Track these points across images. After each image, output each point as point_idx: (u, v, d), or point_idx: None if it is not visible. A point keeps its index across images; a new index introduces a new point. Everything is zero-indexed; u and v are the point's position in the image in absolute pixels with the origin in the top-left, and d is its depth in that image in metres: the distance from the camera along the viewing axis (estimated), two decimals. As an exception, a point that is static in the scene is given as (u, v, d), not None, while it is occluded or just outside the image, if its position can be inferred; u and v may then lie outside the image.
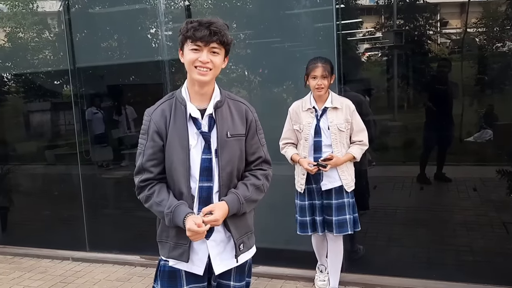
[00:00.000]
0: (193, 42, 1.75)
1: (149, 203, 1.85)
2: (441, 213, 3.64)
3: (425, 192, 3.66)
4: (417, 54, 3.59)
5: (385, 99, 3.82)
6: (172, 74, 4.03)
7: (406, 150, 3.69)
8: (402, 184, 3.88)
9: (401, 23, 3.62)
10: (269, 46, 3.79)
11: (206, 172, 1.83)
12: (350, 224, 3.15)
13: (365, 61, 3.87)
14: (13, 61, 4.82)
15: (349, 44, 3.76)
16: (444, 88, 3.56)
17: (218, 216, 1.77)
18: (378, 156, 3.77)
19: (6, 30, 4.68)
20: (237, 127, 1.88)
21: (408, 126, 3.65)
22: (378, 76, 3.83)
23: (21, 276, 4.10)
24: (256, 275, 3.79)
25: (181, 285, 1.90)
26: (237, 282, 1.98)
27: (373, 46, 3.77)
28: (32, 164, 5.09)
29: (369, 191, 3.74)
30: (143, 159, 1.84)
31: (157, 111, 1.85)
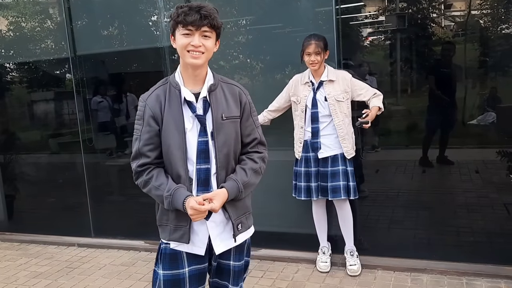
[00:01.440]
0: (184, 26, 1.77)
1: (147, 187, 1.87)
2: (443, 195, 3.66)
3: (427, 175, 3.68)
4: (421, 38, 3.57)
5: (388, 83, 3.81)
6: (173, 61, 4.04)
7: (409, 134, 3.69)
8: (405, 168, 3.89)
9: (403, 6, 3.59)
10: (268, 32, 3.79)
11: (203, 154, 1.86)
12: (344, 190, 3.32)
13: (367, 45, 3.85)
14: (15, 51, 4.84)
15: (350, 28, 3.75)
16: (448, 71, 3.55)
17: (217, 205, 1.81)
18: (381, 140, 3.81)
19: (8, 20, 4.69)
20: (231, 109, 1.91)
21: (411, 110, 3.65)
22: (381, 60, 3.81)
23: (28, 262, 4.18)
24: (259, 257, 3.85)
25: (183, 266, 1.93)
26: (237, 262, 2.02)
27: (376, 30, 3.74)
28: (36, 153, 5.13)
29: (363, 177, 3.80)
30: (139, 144, 1.86)
31: (152, 97, 1.88)
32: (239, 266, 2.03)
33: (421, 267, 3.41)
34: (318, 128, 3.32)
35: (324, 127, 3.33)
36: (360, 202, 3.76)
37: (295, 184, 3.49)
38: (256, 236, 3.88)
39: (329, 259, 3.58)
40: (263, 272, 3.62)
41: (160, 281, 1.94)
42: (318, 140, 3.33)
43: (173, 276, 1.93)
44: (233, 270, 2.02)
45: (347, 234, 3.50)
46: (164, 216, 1.92)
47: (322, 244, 3.61)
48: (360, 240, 3.70)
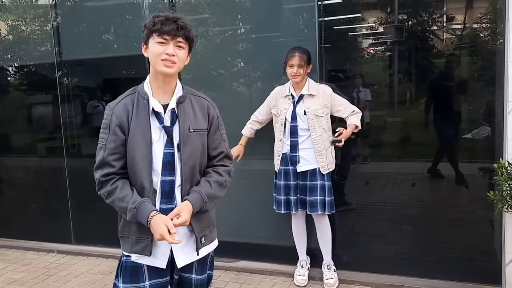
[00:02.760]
0: (160, 35, 1.78)
1: (111, 198, 1.84)
2: (429, 210, 3.62)
3: (416, 189, 3.65)
4: (419, 50, 3.56)
5: (385, 95, 3.78)
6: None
7: (402, 147, 3.67)
8: (394, 181, 3.87)
9: (403, 18, 3.57)
10: (267, 41, 3.78)
11: (168, 166, 1.85)
12: (321, 205, 3.31)
13: (361, 57, 3.80)
14: (7, 53, 4.80)
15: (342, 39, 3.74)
16: (447, 84, 3.53)
17: (187, 218, 1.79)
18: (373, 152, 3.78)
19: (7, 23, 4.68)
20: (199, 122, 1.90)
21: (408, 122, 3.63)
22: (377, 71, 3.79)
23: (5, 268, 4.13)
24: (237, 269, 3.82)
25: (143, 280, 1.90)
26: (199, 275, 1.99)
27: (376, 42, 3.71)
28: (23, 156, 5.09)
29: (345, 188, 3.76)
30: (104, 153, 1.84)
31: (119, 105, 1.86)
32: (201, 279, 2.01)
33: (398, 284, 3.38)
34: (297, 141, 3.31)
35: (303, 140, 3.31)
36: (346, 215, 3.75)
37: (275, 197, 3.47)
38: (235, 247, 3.92)
39: (307, 273, 3.54)
40: (239, 284, 3.58)
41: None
42: (296, 154, 3.31)
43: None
44: (195, 283, 1.99)
45: (325, 248, 3.47)
46: (126, 227, 1.90)
47: (300, 257, 3.57)
48: (339, 254, 3.67)
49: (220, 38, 3.90)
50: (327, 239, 3.45)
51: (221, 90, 3.89)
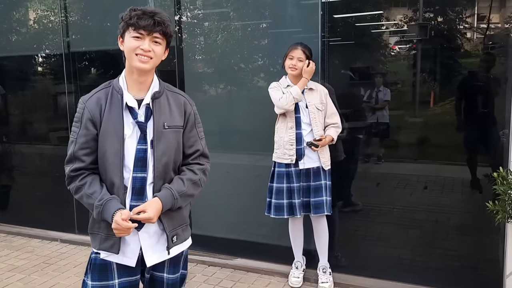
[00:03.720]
0: (136, 30, 1.74)
1: (79, 194, 1.81)
2: (438, 214, 3.49)
3: (428, 192, 3.50)
4: (445, 49, 3.39)
5: (406, 95, 3.65)
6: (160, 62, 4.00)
7: (420, 148, 3.53)
8: (406, 183, 3.74)
9: (429, 16, 3.41)
10: (287, 36, 3.66)
11: (140, 162, 1.80)
12: (326, 205, 3.23)
13: (385, 56, 3.68)
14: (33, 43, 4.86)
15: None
16: (475, 84, 3.35)
17: (152, 214, 1.74)
18: (389, 153, 3.66)
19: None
20: (174, 119, 1.85)
21: (429, 123, 3.48)
22: (401, 71, 3.66)
23: (9, 255, 4.21)
24: (233, 267, 3.78)
25: (112, 278, 1.87)
26: (171, 274, 1.95)
27: (401, 40, 3.55)
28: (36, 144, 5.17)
29: (351, 189, 3.68)
30: (75, 148, 1.81)
31: (92, 99, 1.82)
32: (173, 279, 1.97)
33: (394, 290, 3.28)
34: (301, 133, 3.22)
35: (306, 134, 3.23)
36: (351, 216, 3.66)
37: (275, 203, 3.28)
38: (232, 245, 3.88)
39: (302, 274, 3.48)
40: (233, 282, 3.54)
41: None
42: (302, 147, 3.21)
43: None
44: (167, 283, 1.95)
45: (322, 250, 3.40)
46: (96, 224, 1.87)
47: (296, 258, 3.51)
48: (337, 256, 3.58)
49: (241, 32, 3.84)
50: (324, 241, 3.38)
51: (241, 85, 3.84)
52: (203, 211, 4.07)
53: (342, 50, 3.63)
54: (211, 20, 3.93)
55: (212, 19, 3.93)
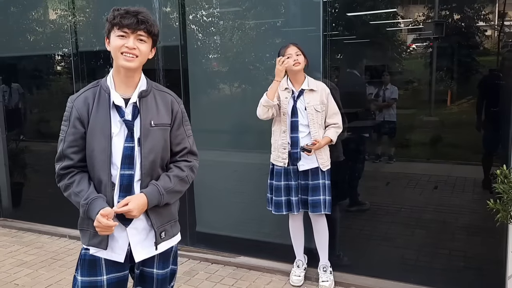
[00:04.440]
0: (120, 29, 1.77)
1: (67, 192, 1.85)
2: (446, 214, 3.43)
3: (438, 192, 3.44)
4: (463, 47, 3.32)
5: (420, 94, 3.57)
6: (164, 60, 4.05)
7: (433, 147, 3.47)
8: (417, 182, 3.69)
9: (445, 13, 3.34)
10: (303, 35, 3.64)
11: (127, 160, 1.83)
12: (324, 205, 3.22)
13: (399, 53, 3.61)
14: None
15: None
16: (495, 83, 3.24)
17: (132, 207, 1.77)
18: (401, 152, 3.60)
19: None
20: (162, 117, 1.88)
21: (444, 122, 3.42)
22: (417, 69, 3.60)
23: (18, 250, 4.30)
24: (235, 265, 3.80)
25: (101, 273, 1.90)
26: (160, 270, 1.98)
27: (418, 38, 3.47)
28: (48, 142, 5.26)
29: (358, 188, 3.65)
30: (64, 146, 1.84)
31: (80, 98, 1.86)
32: (163, 274, 1.99)
33: (395, 290, 3.25)
34: (297, 137, 3.22)
35: (304, 137, 3.22)
36: (358, 215, 3.64)
37: (274, 200, 3.33)
38: (236, 243, 3.89)
39: (303, 273, 3.47)
40: (235, 280, 3.55)
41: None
42: (298, 150, 3.22)
43: (91, 283, 1.90)
44: (156, 278, 1.98)
45: (322, 249, 3.39)
46: (85, 220, 1.89)
47: (297, 257, 3.50)
48: (338, 255, 3.57)
49: (255, 31, 3.84)
50: (324, 240, 3.37)
51: (256, 83, 3.82)
52: (207, 209, 4.11)
53: (348, 48, 3.60)
54: (216, 19, 3.94)
55: (216, 18, 3.94)
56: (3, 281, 3.64)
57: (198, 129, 3.98)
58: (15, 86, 5.11)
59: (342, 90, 3.49)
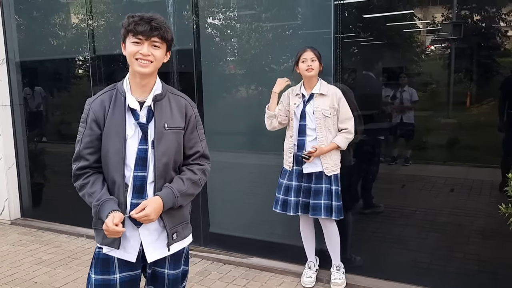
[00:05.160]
0: (135, 35, 1.82)
1: (82, 192, 1.91)
2: (462, 218, 3.39)
3: (454, 195, 3.42)
4: (482, 48, 3.28)
5: (438, 96, 3.53)
6: (179, 64, 4.11)
7: (451, 150, 3.44)
8: (433, 185, 3.66)
9: (465, 14, 3.29)
10: (319, 37, 3.64)
11: (141, 162, 1.88)
12: (325, 209, 3.22)
13: (417, 55, 3.57)
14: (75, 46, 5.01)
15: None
16: None
17: (149, 211, 1.81)
18: (418, 154, 3.58)
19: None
20: (175, 120, 1.93)
21: (462, 124, 3.38)
22: (435, 71, 3.55)
23: (37, 249, 4.42)
24: (248, 265, 3.83)
25: (114, 272, 1.95)
26: (172, 270, 2.02)
27: (437, 39, 3.44)
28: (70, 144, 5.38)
29: (371, 189, 3.65)
30: (80, 147, 1.91)
31: (97, 101, 1.92)
32: (175, 274, 2.03)
33: (406, 293, 3.23)
34: (304, 141, 3.25)
35: (311, 140, 3.24)
36: (372, 218, 3.63)
37: (276, 196, 3.40)
38: (249, 244, 3.92)
39: (315, 274, 3.48)
40: (247, 281, 3.59)
41: (92, 285, 1.97)
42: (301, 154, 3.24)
43: (104, 281, 1.96)
44: (168, 278, 2.02)
45: (333, 252, 3.41)
46: (99, 220, 1.95)
47: (309, 259, 3.52)
48: (351, 258, 3.56)
49: (272, 33, 3.86)
50: (334, 244, 3.38)
51: (269, 86, 3.73)
52: (221, 210, 4.15)
53: (362, 50, 3.60)
54: (229, 23, 3.99)
55: (229, 22, 3.99)
56: (22, 279, 3.75)
57: (212, 131, 4.06)
58: (38, 89, 5.25)
59: (356, 92, 3.49)
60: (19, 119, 5.26)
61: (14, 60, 5.17)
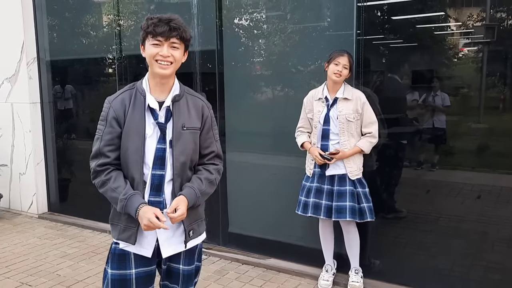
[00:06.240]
0: (154, 37, 1.86)
1: (104, 188, 1.94)
2: (488, 225, 3.31)
3: (480, 202, 3.34)
4: None
5: (470, 100, 3.42)
6: (201, 64, 4.16)
7: (480, 156, 3.35)
8: (459, 191, 3.59)
9: (501, 16, 3.20)
10: (345, 38, 3.57)
11: (159, 160, 1.93)
12: (350, 211, 3.18)
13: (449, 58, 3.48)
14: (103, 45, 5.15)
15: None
16: None
17: (184, 211, 1.88)
18: (445, 160, 3.49)
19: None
20: (193, 121, 1.97)
21: (494, 129, 3.31)
22: (466, 74, 3.46)
23: (62, 243, 4.55)
24: (265, 266, 3.84)
25: (130, 267, 2.00)
26: (186, 266, 2.07)
27: (469, 42, 3.36)
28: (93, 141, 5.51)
29: (395, 195, 3.60)
30: (100, 144, 1.95)
31: (117, 100, 1.96)
32: (189, 270, 2.08)
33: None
34: (327, 145, 3.23)
35: (333, 144, 3.23)
36: (394, 223, 3.59)
37: (300, 200, 3.40)
38: (267, 245, 3.93)
39: (332, 278, 3.47)
40: (263, 282, 3.60)
41: (108, 280, 2.03)
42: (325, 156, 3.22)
43: (120, 276, 2.01)
44: (183, 274, 2.07)
45: (352, 255, 3.39)
46: (116, 215, 2.01)
47: (327, 262, 3.50)
48: (369, 263, 3.53)
49: (294, 35, 3.86)
50: (354, 247, 3.36)
51: (299, 87, 3.84)
52: (241, 210, 4.17)
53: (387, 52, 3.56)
54: (252, 24, 4.02)
55: (252, 23, 4.02)
56: (46, 271, 3.87)
57: (234, 131, 4.10)
58: (69, 87, 5.41)
59: (381, 95, 3.47)
60: (48, 116, 5.43)
61: (44, 59, 5.34)
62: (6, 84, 5.39)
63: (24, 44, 5.20)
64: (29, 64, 5.26)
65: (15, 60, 5.27)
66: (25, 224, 5.18)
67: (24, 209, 5.54)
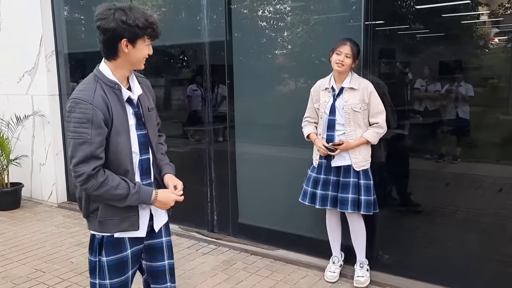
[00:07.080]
0: (151, 38, 1.92)
1: (104, 188, 1.86)
2: (507, 219, 3.22)
3: (502, 195, 3.23)
4: None
5: (499, 91, 3.28)
6: (210, 56, 4.17)
7: (505, 148, 3.22)
8: (480, 184, 3.48)
9: None
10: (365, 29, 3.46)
11: (143, 146, 2.02)
12: (352, 203, 3.17)
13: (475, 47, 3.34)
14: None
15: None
16: None
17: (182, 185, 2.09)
18: (468, 152, 3.39)
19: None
20: (150, 101, 2.12)
21: None
22: (496, 64, 3.32)
23: (78, 231, 4.67)
24: (273, 257, 3.85)
25: (126, 249, 2.03)
26: (167, 237, 2.21)
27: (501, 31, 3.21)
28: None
29: (407, 187, 3.54)
30: (92, 147, 1.84)
31: (97, 98, 1.86)
32: (169, 240, 2.21)
33: (433, 295, 3.12)
34: (333, 136, 3.20)
35: (339, 135, 3.19)
36: (410, 216, 3.53)
37: (304, 188, 3.40)
38: (276, 236, 3.93)
39: (339, 270, 3.44)
40: (270, 272, 3.61)
41: (105, 267, 2.03)
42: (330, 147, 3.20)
43: (118, 260, 2.03)
44: (167, 245, 2.19)
45: (358, 247, 3.35)
46: (109, 213, 1.96)
47: (334, 253, 3.48)
48: (377, 256, 3.49)
49: (321, 26, 3.78)
50: (360, 239, 3.32)
51: (308, 78, 3.77)
52: (251, 201, 4.18)
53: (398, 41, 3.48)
54: (261, 15, 3.99)
55: (261, 14, 3.99)
56: (60, 258, 3.99)
57: (242, 122, 4.10)
58: None
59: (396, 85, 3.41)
60: (67, 108, 5.54)
61: (62, 52, 5.46)
62: (27, 77, 5.54)
63: (42, 38, 5.33)
64: (47, 57, 5.39)
65: (34, 53, 5.41)
66: (45, 213, 5.34)
67: (45, 199, 5.71)
